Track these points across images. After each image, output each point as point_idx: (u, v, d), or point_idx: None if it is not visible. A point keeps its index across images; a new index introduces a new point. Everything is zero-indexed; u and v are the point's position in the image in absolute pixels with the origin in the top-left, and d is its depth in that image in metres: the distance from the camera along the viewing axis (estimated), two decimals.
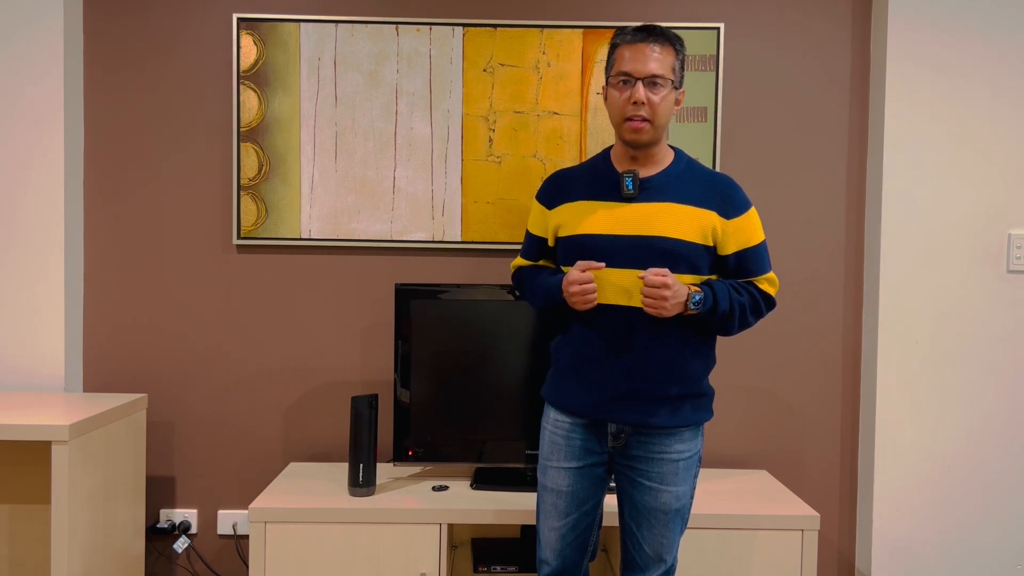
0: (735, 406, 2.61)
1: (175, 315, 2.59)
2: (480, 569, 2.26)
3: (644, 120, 1.69)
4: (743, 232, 1.73)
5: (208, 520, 2.61)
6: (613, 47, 1.75)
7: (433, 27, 2.53)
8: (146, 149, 2.57)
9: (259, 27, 2.52)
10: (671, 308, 1.64)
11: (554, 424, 1.81)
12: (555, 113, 2.54)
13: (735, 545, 2.15)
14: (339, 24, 2.53)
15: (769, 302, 1.78)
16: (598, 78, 2.54)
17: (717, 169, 2.54)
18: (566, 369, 1.80)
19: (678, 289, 1.64)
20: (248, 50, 2.53)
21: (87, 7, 2.55)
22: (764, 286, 1.77)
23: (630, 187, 1.70)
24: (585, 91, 2.54)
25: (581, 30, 2.53)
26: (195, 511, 2.60)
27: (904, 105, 2.49)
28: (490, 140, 2.55)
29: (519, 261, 1.98)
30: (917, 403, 2.52)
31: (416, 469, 2.49)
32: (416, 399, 2.37)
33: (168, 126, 2.57)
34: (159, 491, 2.60)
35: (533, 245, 1.91)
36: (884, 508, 2.52)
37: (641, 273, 1.65)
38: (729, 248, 1.73)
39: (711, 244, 1.71)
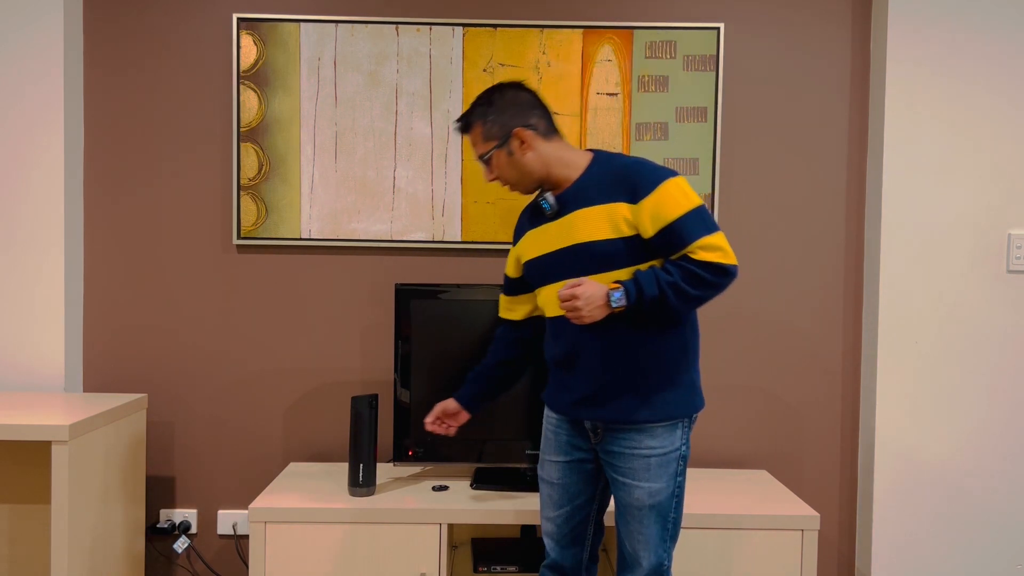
0: (735, 406, 2.61)
1: (175, 315, 2.59)
2: (480, 569, 2.25)
3: (505, 184, 1.85)
4: (658, 209, 1.66)
5: (208, 520, 2.61)
6: None
7: (433, 27, 2.53)
8: (146, 149, 2.57)
9: (259, 27, 2.52)
10: (591, 313, 1.66)
11: (547, 420, 1.92)
12: (555, 113, 2.52)
13: (735, 545, 2.15)
14: (339, 24, 2.53)
15: (713, 268, 1.65)
16: (598, 78, 2.54)
17: (717, 169, 2.55)
18: (550, 372, 1.90)
19: (591, 295, 1.65)
20: (248, 50, 2.53)
21: (87, 7, 2.55)
22: (700, 255, 1.65)
23: (547, 208, 1.78)
24: (585, 91, 2.54)
25: (581, 30, 2.53)
26: (195, 511, 2.60)
27: (904, 105, 2.49)
28: None
29: (500, 299, 2.05)
30: (917, 403, 2.52)
31: (416, 469, 2.49)
32: (416, 399, 2.36)
33: (168, 126, 2.57)
34: (159, 491, 2.60)
35: (505, 281, 2.01)
36: (884, 508, 2.52)
37: (558, 291, 1.71)
38: (649, 230, 1.68)
39: (630, 233, 1.70)
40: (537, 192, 1.84)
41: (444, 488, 2.31)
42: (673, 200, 1.67)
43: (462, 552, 2.46)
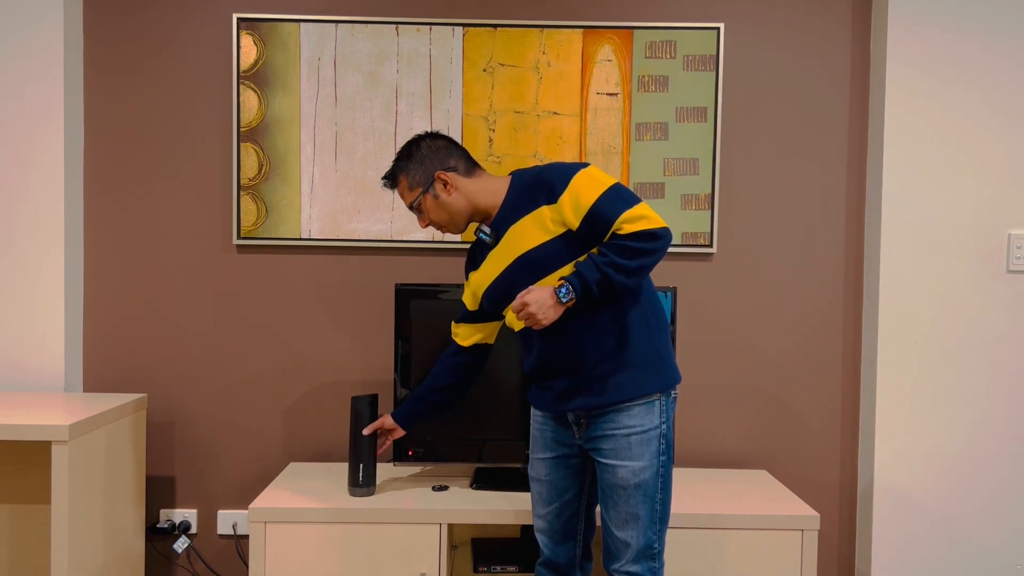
0: (735, 406, 2.61)
1: (175, 315, 2.59)
2: (480, 569, 2.26)
3: (439, 227, 1.94)
4: (575, 200, 1.74)
5: (208, 520, 2.61)
6: None
7: (433, 27, 2.53)
8: (146, 149, 2.57)
9: (259, 27, 2.52)
10: (546, 315, 1.72)
11: (533, 419, 1.99)
12: (555, 113, 2.54)
13: (735, 545, 2.15)
14: (339, 24, 2.53)
15: (642, 236, 1.70)
16: (598, 78, 2.54)
17: (717, 169, 2.55)
18: (528, 371, 1.94)
19: (540, 299, 1.71)
20: (248, 50, 2.53)
21: (87, 7, 2.55)
22: (625, 228, 1.70)
23: (485, 237, 1.88)
24: (585, 91, 2.54)
25: (581, 30, 2.53)
26: (195, 511, 2.60)
27: (904, 105, 2.49)
28: (490, 140, 2.55)
29: (452, 326, 2.10)
30: (917, 403, 2.51)
31: (416, 469, 2.49)
32: None
33: (168, 126, 2.57)
34: (159, 491, 2.60)
35: (461, 311, 2.07)
36: (884, 508, 2.52)
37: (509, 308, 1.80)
38: (573, 221, 1.75)
39: (561, 231, 1.77)
40: (476, 227, 1.91)
41: (444, 488, 2.31)
42: (587, 187, 1.74)
43: (462, 552, 2.46)
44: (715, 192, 2.55)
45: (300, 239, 2.55)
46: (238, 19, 2.51)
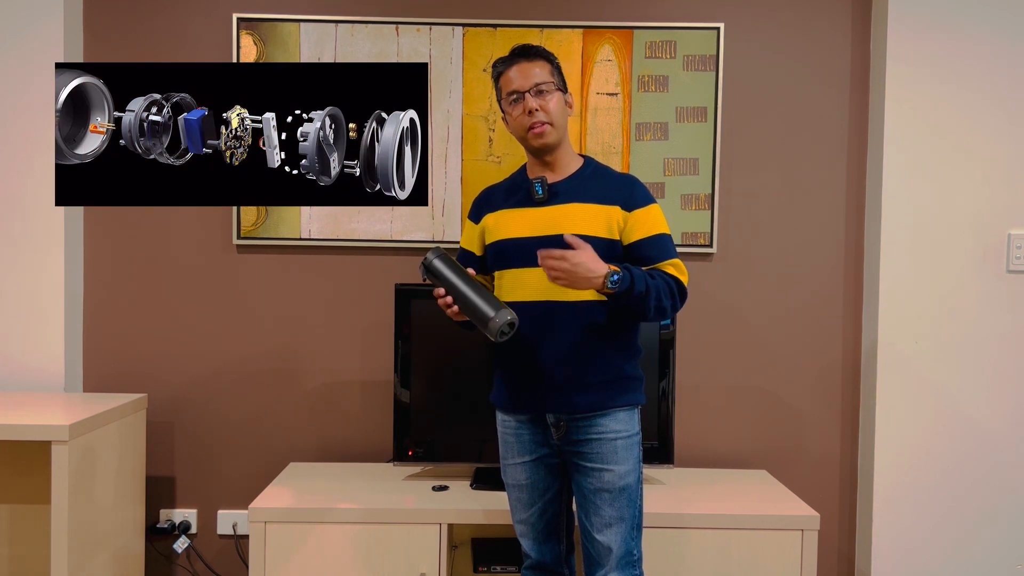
0: (735, 406, 2.61)
1: (175, 315, 2.59)
2: (480, 569, 2.26)
3: (543, 123, 1.82)
4: (645, 222, 1.82)
5: (208, 520, 2.61)
6: (497, 76, 1.88)
7: (433, 27, 2.53)
8: None
9: (259, 27, 2.52)
10: (579, 282, 1.66)
11: (503, 425, 1.93)
12: None
13: (735, 545, 2.15)
14: (339, 24, 2.53)
15: (680, 287, 1.80)
16: (598, 78, 2.54)
17: (717, 169, 2.55)
18: (503, 371, 1.91)
19: (589, 264, 1.66)
20: (248, 50, 2.53)
21: (87, 7, 2.55)
22: (671, 270, 1.80)
23: (540, 192, 1.83)
24: (585, 91, 2.54)
25: (581, 30, 2.53)
26: (195, 511, 2.60)
27: (904, 105, 2.49)
28: (490, 140, 2.55)
29: None
30: (917, 403, 2.51)
31: (416, 469, 2.49)
32: (416, 399, 2.36)
33: None
34: (159, 491, 2.60)
35: (463, 258, 2.00)
36: (884, 508, 2.52)
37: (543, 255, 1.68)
38: (633, 237, 1.82)
39: (617, 237, 1.82)
40: (535, 179, 1.85)
41: (444, 488, 2.31)
42: (656, 220, 1.85)
43: (462, 552, 2.46)
44: (715, 192, 2.55)
45: (300, 239, 2.55)
46: (238, 19, 2.51)
